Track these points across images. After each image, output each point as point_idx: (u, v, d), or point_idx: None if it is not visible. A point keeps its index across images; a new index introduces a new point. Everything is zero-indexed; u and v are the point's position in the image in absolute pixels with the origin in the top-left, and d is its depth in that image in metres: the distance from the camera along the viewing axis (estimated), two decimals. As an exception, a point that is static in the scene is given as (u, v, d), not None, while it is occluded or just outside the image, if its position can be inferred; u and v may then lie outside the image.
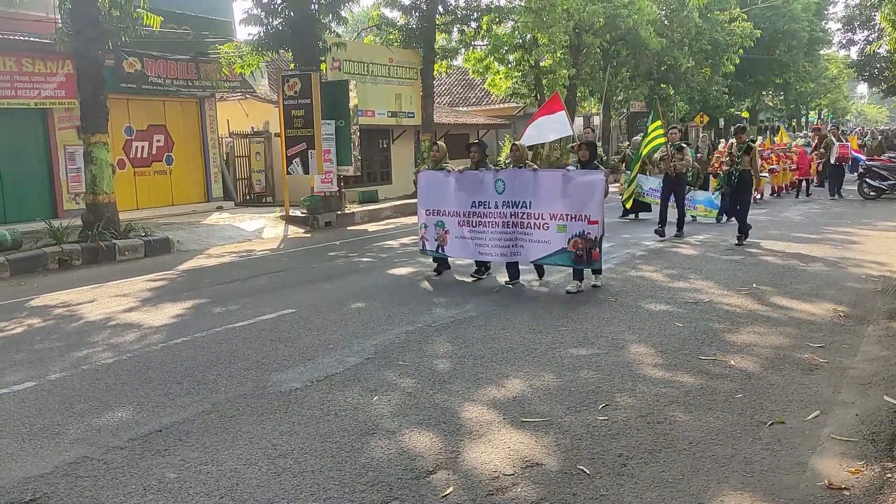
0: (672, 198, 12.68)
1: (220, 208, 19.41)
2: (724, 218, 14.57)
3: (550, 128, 12.23)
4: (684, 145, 12.93)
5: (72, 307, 8.57)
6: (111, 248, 12.48)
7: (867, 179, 18.90)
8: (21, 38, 14.55)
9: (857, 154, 22.66)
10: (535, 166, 9.10)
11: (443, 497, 3.68)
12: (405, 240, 13.68)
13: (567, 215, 8.27)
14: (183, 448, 4.36)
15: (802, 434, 4.32)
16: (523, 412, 4.76)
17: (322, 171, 16.74)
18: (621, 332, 6.64)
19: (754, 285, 8.44)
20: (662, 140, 12.62)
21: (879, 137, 30.22)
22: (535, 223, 8.51)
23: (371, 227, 16.90)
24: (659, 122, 12.86)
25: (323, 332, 6.91)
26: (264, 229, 15.95)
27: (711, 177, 17.18)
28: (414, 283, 9.32)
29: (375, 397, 5.12)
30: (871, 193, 18.66)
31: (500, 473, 3.91)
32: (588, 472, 3.89)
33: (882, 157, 21.10)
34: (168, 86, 17.67)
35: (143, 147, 18.29)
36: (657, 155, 13.51)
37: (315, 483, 3.86)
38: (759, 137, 25.91)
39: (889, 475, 3.78)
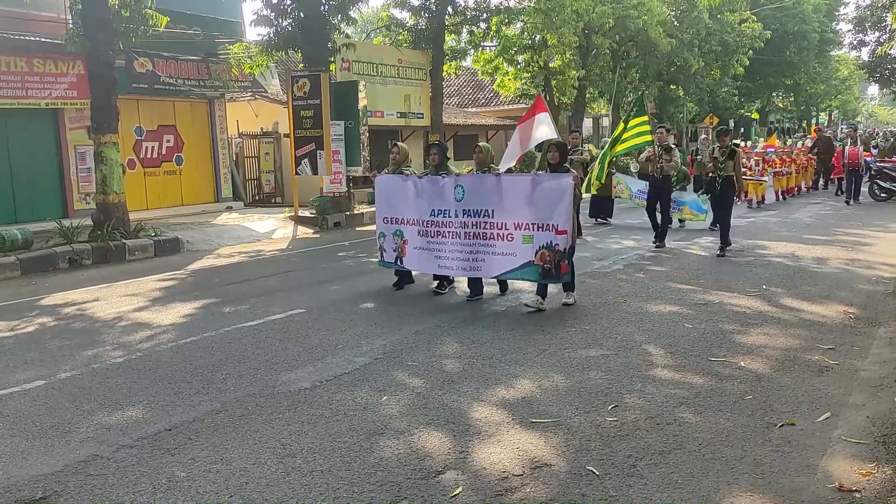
0: (659, 204, 12.00)
1: (229, 208, 19.47)
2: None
3: (543, 131, 11.72)
4: (673, 146, 12.09)
5: (82, 306, 8.61)
6: (121, 247, 12.53)
7: (878, 181, 18.80)
8: (32, 38, 14.65)
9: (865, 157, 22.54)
10: (499, 171, 8.21)
11: (452, 497, 3.68)
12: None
13: (533, 225, 7.45)
14: (192, 447, 4.37)
15: (813, 436, 4.30)
16: (532, 413, 4.75)
17: (331, 172, 16.77)
18: (630, 333, 6.62)
19: (764, 287, 8.41)
20: (649, 138, 11.37)
21: (892, 139, 30.03)
22: (498, 234, 7.68)
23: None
24: (645, 118, 11.39)
25: (332, 332, 6.92)
26: (274, 230, 15.99)
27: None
28: (422, 283, 9.32)
29: (384, 397, 5.12)
30: (882, 195, 18.56)
31: (510, 474, 3.91)
32: (597, 472, 3.88)
33: (893, 159, 20.98)
34: (180, 86, 17.72)
35: (153, 147, 18.37)
36: (643, 155, 12.73)
37: (324, 483, 3.86)
38: (758, 140, 25.47)
39: (901, 478, 3.75)
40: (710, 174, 11.03)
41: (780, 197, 19.37)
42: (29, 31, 14.80)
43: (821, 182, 22.69)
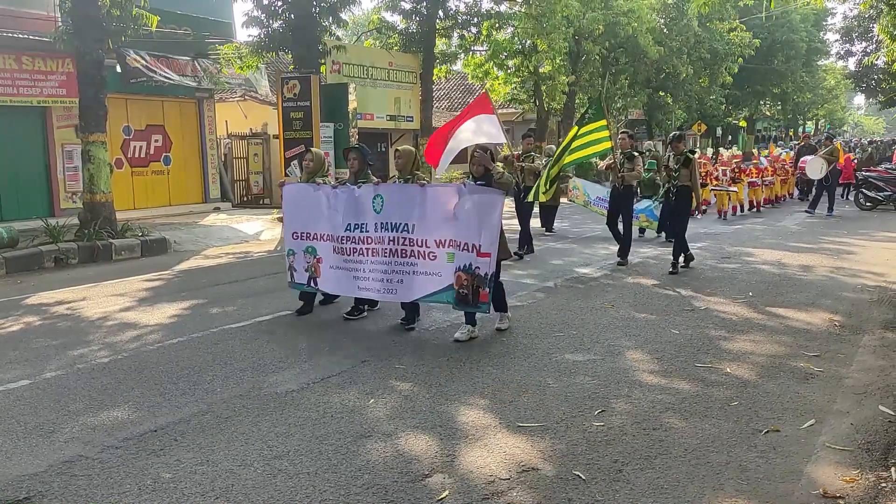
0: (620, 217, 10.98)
1: (217, 209, 19.40)
2: (664, 236, 13.33)
3: (483, 130, 9.76)
4: (636, 154, 10.88)
5: (68, 306, 8.55)
6: (108, 247, 12.46)
7: (863, 190, 18.97)
8: (21, 35, 14.56)
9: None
10: (426, 179, 7.17)
11: (438, 500, 3.68)
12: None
13: (455, 242, 6.52)
14: (178, 448, 4.35)
15: (798, 442, 4.33)
16: (519, 417, 4.76)
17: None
18: (617, 338, 6.65)
19: (750, 294, 8.46)
20: (608, 145, 10.03)
21: (870, 149, 30.30)
22: (419, 251, 6.74)
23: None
24: (603, 122, 9.95)
25: (320, 334, 6.91)
26: (262, 231, 15.94)
27: None
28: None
29: (371, 400, 5.12)
30: (868, 204, 18.72)
31: (496, 478, 3.91)
32: (584, 477, 3.90)
33: (878, 168, 21.16)
34: (173, 82, 17.61)
35: (141, 147, 18.29)
36: (603, 163, 11.55)
37: (310, 485, 3.86)
38: (730, 148, 24.82)
39: (883, 484, 3.79)
40: (665, 183, 10.40)
41: (755, 208, 18.63)
42: (18, 28, 14.71)
43: (796, 192, 21.86)
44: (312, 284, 7.59)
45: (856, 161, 23.05)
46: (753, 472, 3.95)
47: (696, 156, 10.09)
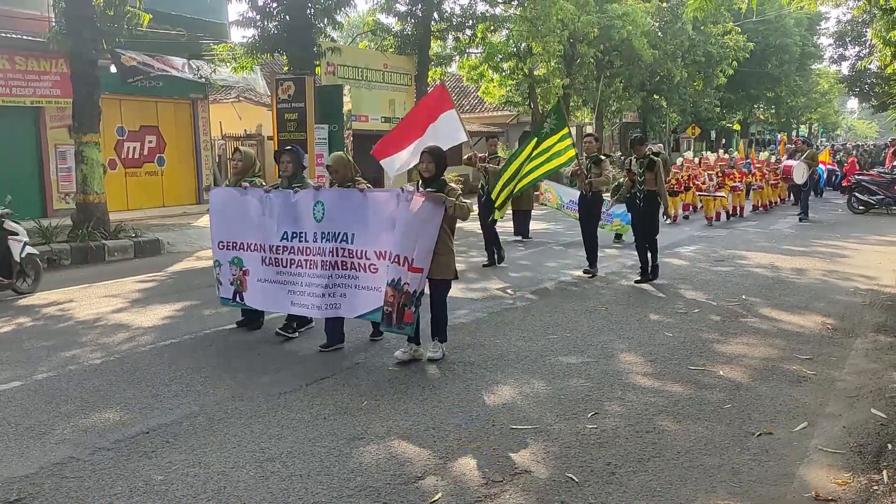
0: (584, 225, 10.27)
1: (211, 210, 19.33)
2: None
3: (444, 133, 8.86)
4: (603, 157, 10.04)
5: (60, 307, 8.52)
6: (101, 248, 12.42)
7: (856, 194, 19.03)
8: (14, 35, 14.51)
9: (829, 166, 22.62)
10: (367, 185, 6.41)
11: (431, 503, 3.67)
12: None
13: (394, 255, 5.83)
14: (170, 450, 4.34)
15: (790, 445, 4.34)
16: (512, 419, 4.76)
17: (314, 176, 16.70)
18: (611, 340, 6.65)
19: (744, 296, 8.48)
20: (572, 153, 9.22)
21: (854, 153, 30.49)
22: (359, 263, 6.13)
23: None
24: (566, 131, 9.22)
25: (313, 336, 6.89)
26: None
27: (668, 195, 15.45)
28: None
29: (365, 402, 5.11)
30: (860, 208, 18.79)
31: (489, 480, 3.91)
32: (577, 479, 3.89)
33: (871, 172, 21.24)
34: (175, 73, 17.55)
35: (134, 147, 18.24)
36: (569, 170, 10.80)
37: (303, 487, 3.84)
38: (707, 151, 23.67)
39: (875, 487, 3.80)
40: (630, 189, 9.62)
41: (737, 213, 17.88)
42: (11, 28, 14.66)
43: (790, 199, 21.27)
44: (238, 299, 6.88)
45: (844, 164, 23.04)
46: (746, 475, 3.95)
47: (661, 157, 9.48)
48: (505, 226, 12.55)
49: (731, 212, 17.64)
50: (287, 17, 17.10)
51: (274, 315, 7.29)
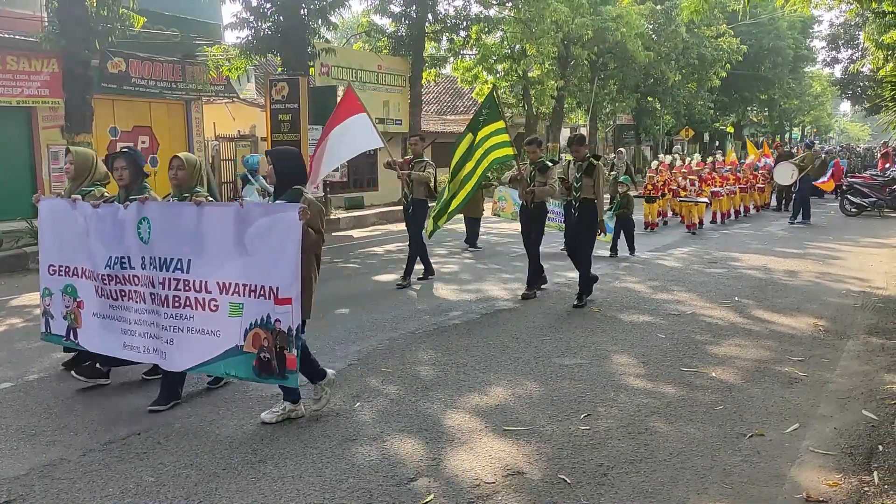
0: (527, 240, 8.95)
1: (204, 211, 19.28)
2: (634, 251, 12.00)
3: (354, 138, 8.02)
4: (550, 163, 8.79)
5: (52, 308, 8.48)
6: (93, 249, 12.35)
7: (849, 196, 19.11)
8: (6, 35, 14.45)
9: None
10: (205, 196, 5.19)
11: (423, 504, 3.68)
12: (390, 246, 13.68)
13: (244, 287, 4.68)
14: (162, 452, 4.32)
15: (782, 446, 4.35)
16: (506, 420, 4.76)
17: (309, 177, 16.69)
18: (604, 342, 6.66)
19: (736, 298, 8.50)
20: (510, 151, 8.35)
21: (839, 156, 30.69)
22: (196, 298, 4.85)
23: (356, 233, 16.88)
24: (501, 124, 8.25)
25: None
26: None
27: (645, 201, 15.22)
28: (398, 289, 9.30)
29: (357, 403, 5.10)
30: (853, 210, 18.86)
31: (482, 481, 3.91)
32: (569, 481, 3.90)
33: (864, 175, 21.33)
34: (151, 87, 17.58)
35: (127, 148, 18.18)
36: (507, 174, 9.52)
37: (295, 489, 3.84)
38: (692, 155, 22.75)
39: (866, 488, 3.81)
40: (567, 197, 8.45)
41: (718, 220, 16.80)
42: (3, 28, 14.60)
43: (773, 202, 20.91)
44: (72, 337, 5.54)
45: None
46: (737, 476, 3.96)
47: (601, 161, 8.53)
48: (508, 228, 12.39)
49: (713, 218, 16.63)
50: (281, 17, 17.11)
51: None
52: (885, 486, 3.80)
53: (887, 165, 23.12)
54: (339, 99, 16.85)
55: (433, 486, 3.85)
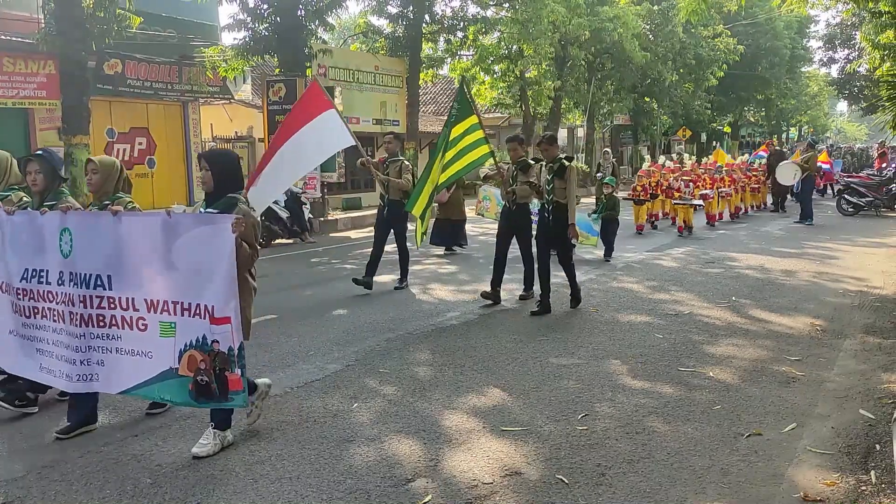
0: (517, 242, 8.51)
1: (201, 213, 19.27)
2: (610, 257, 11.47)
3: (324, 137, 7.11)
4: (532, 162, 8.35)
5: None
6: (90, 250, 12.33)
7: (846, 196, 19.14)
8: (2, 37, 14.44)
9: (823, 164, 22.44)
10: (129, 203, 4.84)
11: (421, 505, 3.68)
12: (388, 247, 13.64)
13: (175, 305, 4.26)
14: (159, 453, 4.32)
15: (779, 446, 4.35)
16: (503, 421, 4.76)
17: (305, 178, 16.70)
18: (602, 342, 6.66)
19: (734, 298, 8.51)
20: (486, 150, 7.98)
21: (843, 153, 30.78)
22: (123, 317, 4.41)
23: (354, 234, 16.87)
24: (474, 120, 7.80)
25: (303, 339, 6.88)
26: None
27: (634, 203, 14.86)
28: (395, 290, 9.30)
29: (355, 404, 5.10)
30: (850, 210, 18.89)
31: (479, 482, 3.91)
32: (566, 481, 3.90)
33: (861, 174, 21.36)
34: (147, 89, 17.57)
35: (124, 150, 18.15)
36: (482, 171, 9.00)
37: (293, 490, 3.83)
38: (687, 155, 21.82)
39: (864, 488, 3.81)
40: (540, 201, 8.06)
41: (711, 222, 16.13)
42: (0, 29, 14.59)
43: (769, 202, 20.59)
44: None
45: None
46: (735, 476, 3.96)
47: (573, 163, 7.99)
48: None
49: (707, 220, 16.03)
50: (277, 18, 17.11)
51: (259, 317, 7.23)
52: (883, 486, 3.81)
53: (884, 165, 23.18)
54: (336, 100, 16.93)
55: (431, 487, 3.85)
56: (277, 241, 14.44)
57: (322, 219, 17.39)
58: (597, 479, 3.93)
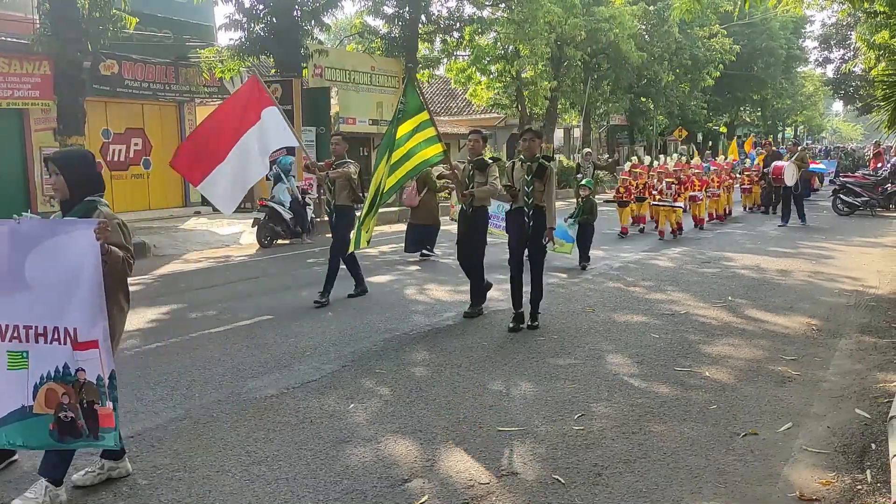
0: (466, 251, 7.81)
1: (197, 213, 19.26)
2: (587, 262, 10.72)
3: (270, 136, 6.78)
4: (490, 161, 7.67)
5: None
6: (86, 251, 12.30)
7: (841, 196, 19.18)
8: (-1, 38, 14.42)
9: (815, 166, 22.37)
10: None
11: (417, 505, 3.67)
12: (385, 248, 13.64)
13: (26, 330, 3.63)
14: (155, 454, 4.31)
15: (775, 445, 4.36)
16: (500, 421, 4.76)
17: (302, 178, 16.68)
18: (598, 342, 6.66)
19: (730, 298, 8.52)
20: (439, 149, 7.13)
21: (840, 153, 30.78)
22: None
23: (350, 234, 16.82)
24: (425, 116, 7.06)
25: (300, 339, 6.87)
26: (242, 235, 15.84)
27: (618, 205, 14.38)
28: (392, 290, 9.31)
29: (352, 405, 5.10)
30: (845, 209, 18.93)
31: (476, 482, 3.91)
32: (563, 481, 3.90)
33: (857, 174, 21.41)
34: (144, 90, 17.55)
35: (120, 150, 18.15)
36: (437, 173, 8.23)
37: (289, 491, 3.83)
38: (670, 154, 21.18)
39: (859, 487, 3.82)
40: (517, 204, 7.09)
41: (699, 225, 15.60)
42: (-5, 30, 14.56)
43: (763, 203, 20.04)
44: None
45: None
46: (731, 475, 3.97)
47: (554, 163, 7.12)
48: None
49: (695, 223, 15.52)
50: (273, 19, 17.11)
51: (255, 318, 7.21)
52: (878, 485, 3.82)
53: (879, 165, 23.23)
54: (331, 100, 16.91)
55: (427, 488, 3.85)
56: (277, 241, 14.40)
57: (319, 219, 17.36)
58: (593, 479, 3.93)
